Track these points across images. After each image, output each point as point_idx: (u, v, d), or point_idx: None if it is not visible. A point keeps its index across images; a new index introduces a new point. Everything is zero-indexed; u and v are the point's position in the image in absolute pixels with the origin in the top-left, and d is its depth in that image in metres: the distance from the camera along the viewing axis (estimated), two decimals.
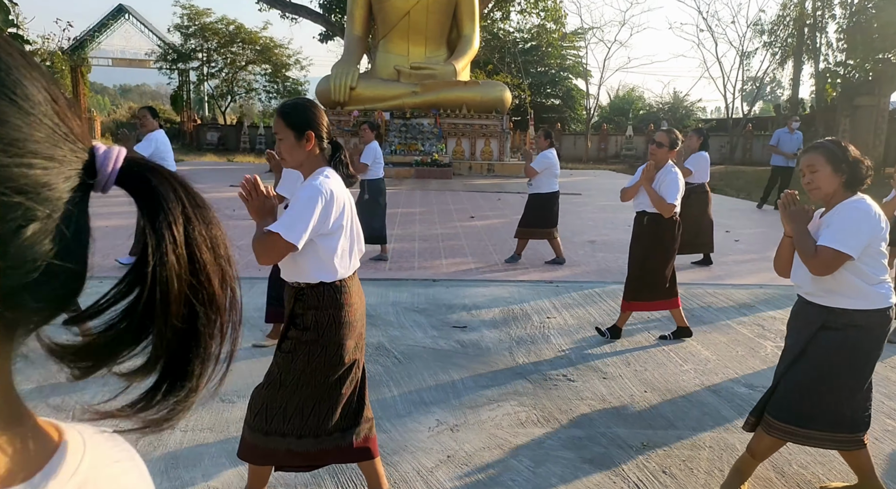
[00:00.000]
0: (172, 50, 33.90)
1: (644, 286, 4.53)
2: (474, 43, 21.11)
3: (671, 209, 4.33)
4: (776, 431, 2.47)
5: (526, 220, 7.15)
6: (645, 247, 4.52)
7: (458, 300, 5.59)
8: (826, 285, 2.44)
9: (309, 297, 2.18)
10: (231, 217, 9.84)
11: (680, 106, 40.30)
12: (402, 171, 17.79)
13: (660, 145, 4.47)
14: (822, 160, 2.45)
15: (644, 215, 4.52)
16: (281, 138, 2.18)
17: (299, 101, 2.27)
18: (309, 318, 2.18)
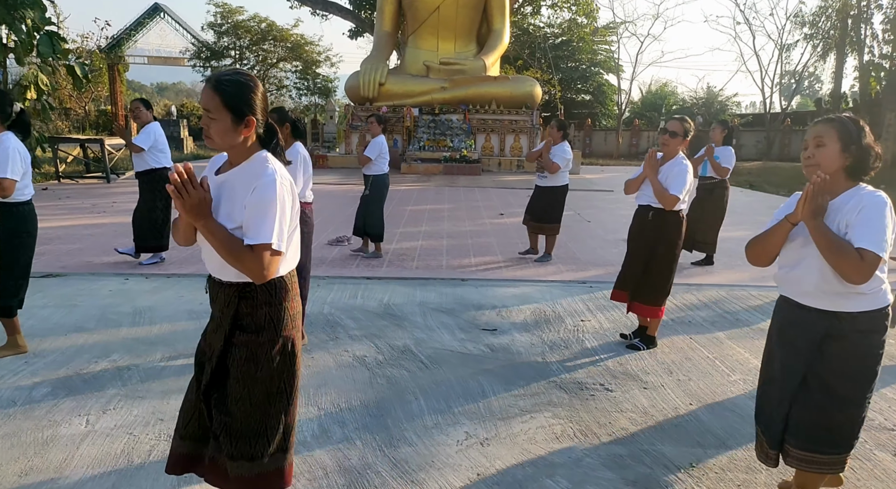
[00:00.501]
0: (206, 48, 34.30)
1: (645, 286, 4.25)
2: (504, 37, 20.81)
3: (675, 202, 4.00)
4: (807, 464, 2.21)
5: (541, 213, 6.91)
6: (650, 245, 4.22)
7: (487, 300, 5.37)
8: (833, 287, 2.12)
9: (259, 293, 1.88)
10: None
11: (714, 101, 39.28)
12: (430, 167, 17.62)
13: (673, 135, 4.11)
14: (833, 135, 2.13)
15: (649, 210, 4.20)
16: (214, 118, 1.81)
17: (241, 75, 1.87)
18: (262, 316, 1.90)
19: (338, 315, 4.85)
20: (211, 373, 1.94)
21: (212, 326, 1.98)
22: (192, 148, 25.12)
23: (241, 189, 1.83)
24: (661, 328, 4.60)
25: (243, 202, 1.81)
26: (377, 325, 4.61)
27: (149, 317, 4.62)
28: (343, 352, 4.02)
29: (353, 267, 6.44)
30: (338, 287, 5.69)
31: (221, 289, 1.92)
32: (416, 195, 12.90)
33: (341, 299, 5.29)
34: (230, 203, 1.84)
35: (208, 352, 1.98)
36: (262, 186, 1.80)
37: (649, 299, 4.24)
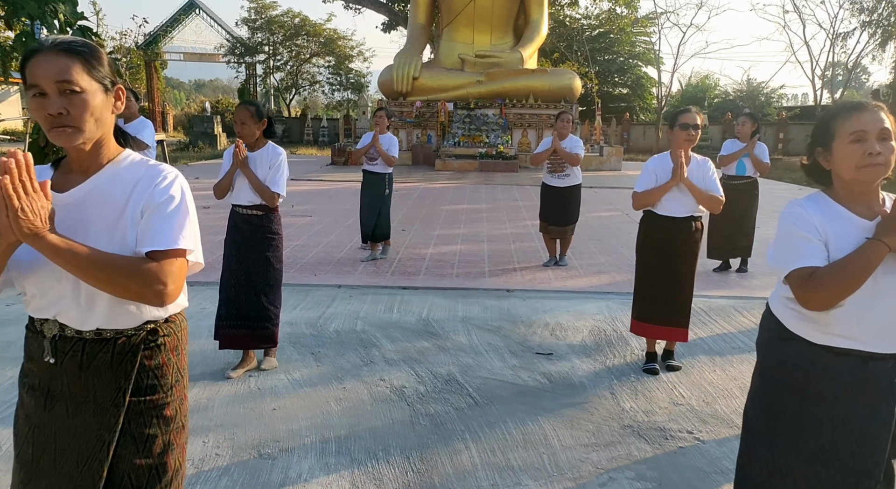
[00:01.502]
0: (240, 43, 34.32)
1: (677, 308, 3.67)
2: (542, 29, 20.07)
3: (722, 204, 3.58)
4: None
5: (565, 216, 6.28)
6: (681, 260, 3.64)
7: (537, 316, 4.81)
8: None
9: (167, 335, 1.43)
10: (290, 213, 9.37)
11: (758, 93, 37.70)
12: (465, 164, 17.05)
13: (697, 128, 3.52)
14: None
15: (693, 220, 3.64)
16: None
17: None
18: (172, 368, 1.44)
19: (372, 333, 4.34)
20: None
21: (60, 412, 1.35)
22: (227, 144, 25.03)
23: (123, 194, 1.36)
24: (744, 355, 3.99)
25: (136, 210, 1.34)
26: (417, 347, 4.09)
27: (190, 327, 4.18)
28: (379, 382, 3.51)
29: (388, 275, 5.93)
30: (371, 298, 5.19)
31: (90, 348, 1.33)
32: (452, 194, 12.36)
33: (375, 313, 4.78)
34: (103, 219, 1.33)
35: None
36: (165, 189, 1.35)
37: (683, 321, 3.71)
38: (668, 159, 3.64)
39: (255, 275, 3.53)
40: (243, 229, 3.51)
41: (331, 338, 4.22)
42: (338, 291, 5.37)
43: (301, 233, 7.88)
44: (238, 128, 3.43)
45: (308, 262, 6.31)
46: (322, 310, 4.82)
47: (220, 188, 3.52)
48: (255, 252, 3.52)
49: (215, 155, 21.60)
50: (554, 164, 6.16)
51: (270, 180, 3.47)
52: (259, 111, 3.50)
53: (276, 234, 3.62)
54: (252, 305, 3.53)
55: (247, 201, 3.48)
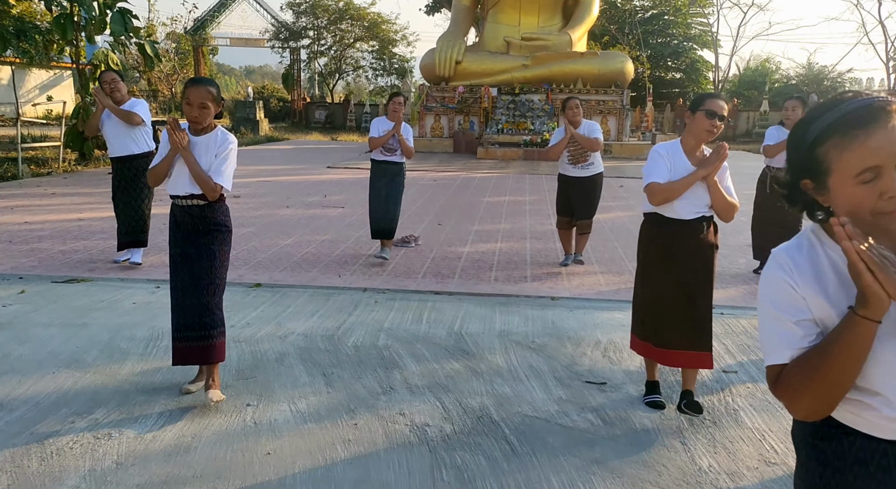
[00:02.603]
0: (285, 28, 34.17)
1: (696, 327, 3.01)
2: (593, 10, 19.06)
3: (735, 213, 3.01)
4: None
5: (586, 209, 5.71)
6: (696, 270, 2.99)
7: (586, 332, 4.17)
8: None
9: None
10: (323, 204, 8.91)
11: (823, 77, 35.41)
12: (508, 152, 16.32)
13: (723, 119, 2.87)
14: None
15: (705, 222, 3.00)
16: None
17: None
18: None
19: (396, 349, 3.79)
20: None
21: None
22: (268, 130, 24.92)
23: None
24: None
25: None
26: (446, 369, 3.52)
27: (164, 346, 3.72)
28: (398, 417, 2.95)
29: (419, 277, 5.37)
30: (399, 305, 4.63)
31: None
32: (494, 183, 11.70)
33: (402, 324, 4.23)
34: None
35: None
36: None
37: (705, 343, 3.04)
38: (679, 150, 3.00)
39: (200, 273, 3.01)
40: (184, 223, 3.01)
41: (348, 355, 3.69)
42: (362, 296, 4.84)
43: (331, 225, 7.39)
44: (194, 111, 2.89)
45: (334, 261, 5.80)
46: (343, 319, 4.29)
47: (154, 174, 3.02)
48: (198, 247, 3.00)
49: (257, 141, 21.45)
50: (574, 154, 5.57)
51: (214, 170, 2.94)
52: (219, 91, 2.99)
53: (223, 225, 3.07)
54: (197, 310, 3.01)
55: (184, 191, 2.96)
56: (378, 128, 5.69)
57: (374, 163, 5.83)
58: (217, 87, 3.00)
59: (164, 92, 35.56)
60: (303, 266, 5.56)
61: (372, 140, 5.70)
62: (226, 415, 2.92)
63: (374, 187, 5.84)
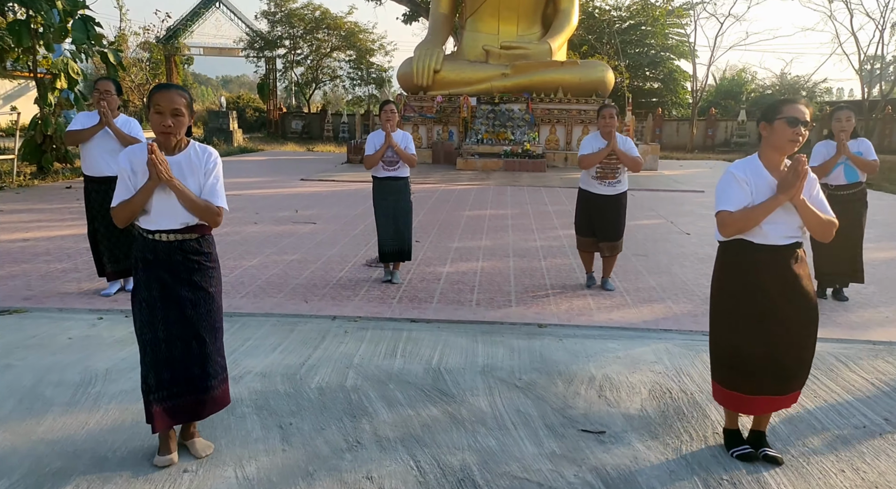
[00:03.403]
0: (259, 37, 33.63)
1: (797, 366, 2.63)
2: (573, 19, 18.86)
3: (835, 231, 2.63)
4: None
5: (615, 229, 5.23)
6: (795, 303, 2.59)
7: (578, 365, 3.76)
8: None
9: None
10: (293, 220, 8.43)
11: (798, 87, 35.79)
12: (489, 163, 15.97)
13: (807, 125, 2.50)
14: None
15: (797, 248, 2.61)
16: None
17: None
18: None
19: (365, 391, 3.34)
20: None
21: None
22: (242, 141, 24.31)
23: None
24: (874, 440, 2.89)
25: None
26: (422, 416, 3.07)
27: (95, 393, 3.22)
28: (364, 482, 2.50)
29: (394, 302, 4.92)
30: (371, 335, 4.18)
31: None
32: (475, 196, 11.31)
33: (374, 359, 3.78)
34: None
35: None
36: None
37: (799, 383, 2.67)
38: (759, 167, 2.59)
39: (198, 320, 2.55)
40: (170, 262, 2.51)
41: (310, 399, 3.23)
42: (331, 325, 4.38)
43: (300, 244, 6.91)
44: (167, 120, 2.44)
45: (301, 284, 5.32)
46: (307, 354, 3.83)
47: (127, 211, 2.48)
48: (193, 288, 2.54)
49: (229, 152, 20.85)
50: (606, 168, 5.08)
51: (209, 191, 2.51)
52: (191, 100, 2.54)
53: (216, 259, 2.66)
54: (194, 361, 2.55)
55: (178, 224, 2.50)
56: (374, 143, 5.21)
57: (375, 180, 5.36)
58: (189, 93, 2.55)
59: (136, 102, 34.73)
60: (267, 291, 5.08)
61: (366, 159, 5.23)
62: (156, 486, 2.43)
63: (379, 207, 5.37)
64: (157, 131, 2.46)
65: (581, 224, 5.34)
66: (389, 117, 5.17)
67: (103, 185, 4.72)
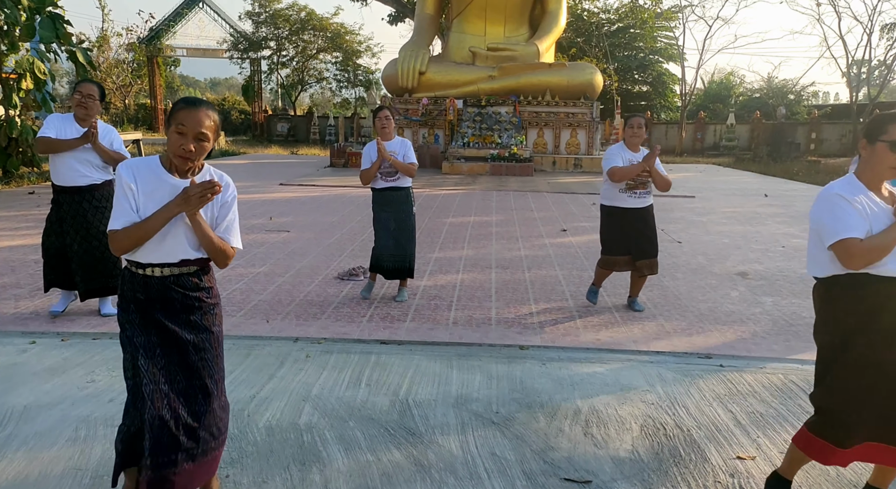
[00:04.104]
0: (244, 38, 33.11)
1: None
2: (560, 20, 18.58)
3: None
4: None
5: (651, 244, 4.81)
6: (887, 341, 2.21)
7: (563, 395, 3.38)
8: None
9: None
10: (266, 228, 8.01)
11: (787, 90, 35.77)
12: (475, 167, 15.61)
13: None
14: None
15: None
16: None
17: None
18: None
19: (321, 430, 2.94)
20: None
21: None
22: (224, 144, 23.81)
23: None
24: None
25: None
26: (383, 463, 2.68)
27: (4, 437, 2.80)
28: None
29: (363, 320, 4.52)
30: (336, 360, 3.79)
31: None
32: (459, 202, 10.93)
33: (335, 389, 3.38)
34: None
35: None
36: None
37: None
38: (865, 190, 2.23)
39: (202, 366, 2.16)
40: (166, 300, 2.12)
41: (255, 443, 2.82)
42: (292, 348, 3.98)
43: (270, 254, 6.49)
44: (189, 144, 2.04)
45: (264, 300, 4.91)
46: (261, 384, 3.43)
47: (134, 239, 2.06)
48: (195, 330, 2.15)
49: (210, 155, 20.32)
50: (636, 181, 4.65)
51: (226, 229, 2.18)
52: (219, 117, 2.17)
53: (218, 294, 2.29)
54: (197, 419, 2.14)
55: (177, 258, 2.11)
56: (369, 155, 4.77)
57: (374, 192, 4.91)
58: (217, 113, 2.15)
59: (117, 104, 34.08)
60: (225, 309, 4.66)
61: (362, 175, 4.80)
62: None
63: (378, 220, 4.93)
64: (175, 154, 2.06)
65: (613, 243, 4.83)
66: (385, 124, 4.70)
67: (76, 195, 4.29)
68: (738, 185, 14.71)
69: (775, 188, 14.04)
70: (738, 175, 17.69)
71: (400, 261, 4.92)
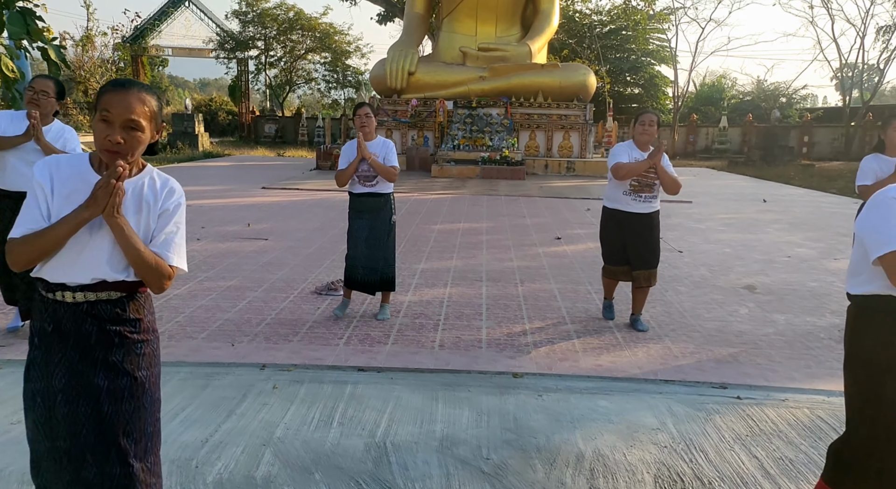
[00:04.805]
0: (230, 38, 32.55)
1: None
2: (553, 20, 18.24)
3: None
4: None
5: (651, 254, 4.45)
6: None
7: (561, 434, 2.97)
8: None
9: None
10: (242, 235, 7.55)
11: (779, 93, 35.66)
12: (465, 170, 15.21)
13: None
14: None
15: None
16: None
17: None
18: None
19: (280, 484, 2.50)
20: None
21: None
22: (209, 145, 23.26)
23: None
24: None
25: None
26: None
27: None
28: None
29: (340, 343, 4.08)
30: (306, 391, 3.35)
31: None
32: (448, 206, 10.51)
33: (302, 429, 2.95)
34: None
35: None
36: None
37: None
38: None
39: (117, 419, 1.71)
40: (79, 335, 1.68)
41: None
42: (258, 377, 3.54)
43: (242, 266, 6.03)
44: (116, 134, 1.64)
45: (231, 319, 4.46)
46: (217, 423, 2.98)
47: (36, 249, 1.64)
48: (112, 374, 1.71)
49: (193, 157, 19.82)
50: (642, 182, 4.30)
51: (164, 243, 1.73)
52: (161, 104, 1.76)
53: (152, 329, 1.81)
54: (113, 482, 1.69)
55: (90, 277, 1.67)
56: (348, 155, 4.36)
57: (351, 197, 4.50)
58: (158, 96, 1.74)
59: None
60: (186, 330, 4.21)
61: (338, 176, 4.39)
62: None
63: (352, 228, 4.52)
64: (101, 148, 1.65)
65: (612, 251, 4.50)
66: (364, 122, 4.32)
67: (21, 201, 3.83)
68: (734, 190, 14.40)
69: (771, 193, 13.74)
70: (733, 179, 17.40)
71: (375, 272, 4.48)
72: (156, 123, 1.71)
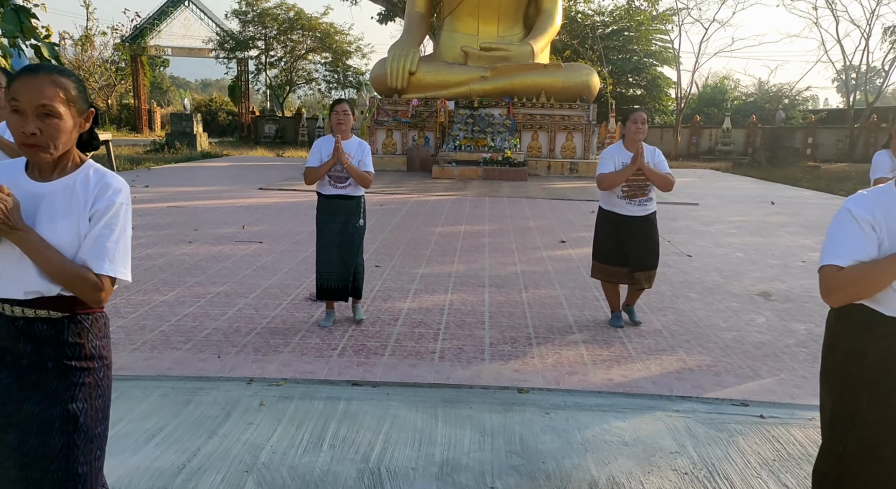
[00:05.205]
0: (230, 37, 32.33)
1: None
2: (556, 20, 17.98)
3: None
4: None
5: (649, 257, 4.31)
6: None
7: (572, 458, 2.72)
8: None
9: None
10: (236, 238, 7.30)
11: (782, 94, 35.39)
12: (467, 171, 14.96)
13: None
14: None
15: None
16: None
17: None
18: None
19: None
20: None
21: None
22: (207, 145, 23.03)
23: None
24: None
25: None
26: None
27: None
28: None
29: (334, 354, 3.84)
30: (296, 408, 3.11)
31: None
32: (449, 208, 10.26)
33: (290, 453, 2.70)
34: None
35: None
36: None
37: None
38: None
39: (43, 456, 1.48)
40: (15, 353, 1.50)
41: None
42: (244, 392, 3.29)
43: (235, 270, 5.78)
44: (29, 125, 1.45)
45: (219, 329, 4.21)
46: (195, 447, 2.73)
47: None
48: (45, 402, 1.50)
49: (190, 157, 19.58)
50: (633, 186, 4.19)
51: (91, 248, 1.50)
52: (82, 88, 1.54)
53: (97, 355, 1.57)
54: None
55: (22, 292, 1.47)
56: (320, 152, 4.11)
57: (320, 198, 4.25)
58: (76, 79, 1.53)
59: (100, 105, 33.19)
60: (170, 340, 3.96)
61: (307, 173, 4.14)
62: None
63: (321, 232, 4.25)
64: (18, 143, 1.46)
65: (607, 251, 4.36)
66: (342, 120, 4.08)
67: None
68: (740, 191, 14.15)
69: (779, 195, 13.48)
70: (738, 180, 17.14)
71: (344, 281, 4.23)
72: (77, 108, 1.50)
